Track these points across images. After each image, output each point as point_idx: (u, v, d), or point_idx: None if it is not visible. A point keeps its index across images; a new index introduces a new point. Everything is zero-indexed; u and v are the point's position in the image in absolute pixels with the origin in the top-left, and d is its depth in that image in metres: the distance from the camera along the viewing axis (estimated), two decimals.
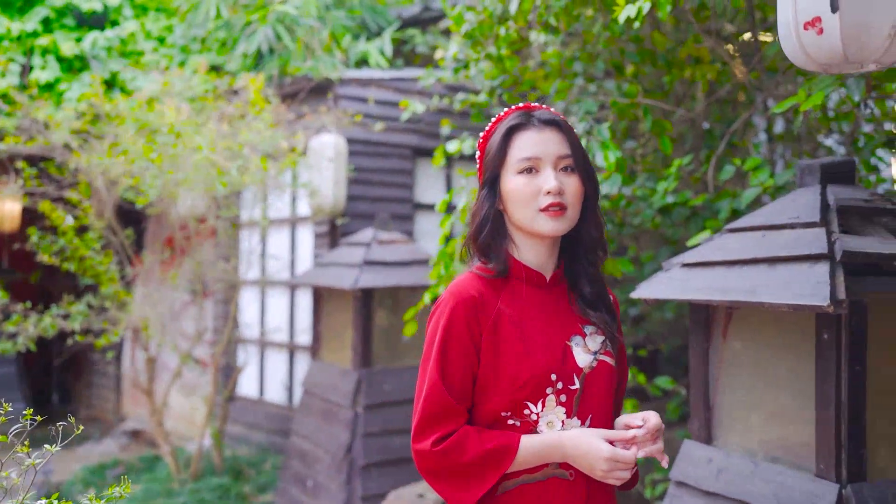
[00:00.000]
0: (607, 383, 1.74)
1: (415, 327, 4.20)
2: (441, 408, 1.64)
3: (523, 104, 1.79)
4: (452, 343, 1.66)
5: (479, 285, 1.71)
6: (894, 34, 1.58)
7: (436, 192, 6.80)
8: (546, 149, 1.69)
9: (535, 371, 1.64)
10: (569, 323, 1.75)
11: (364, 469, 4.96)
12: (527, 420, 1.66)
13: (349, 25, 7.16)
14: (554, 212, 1.67)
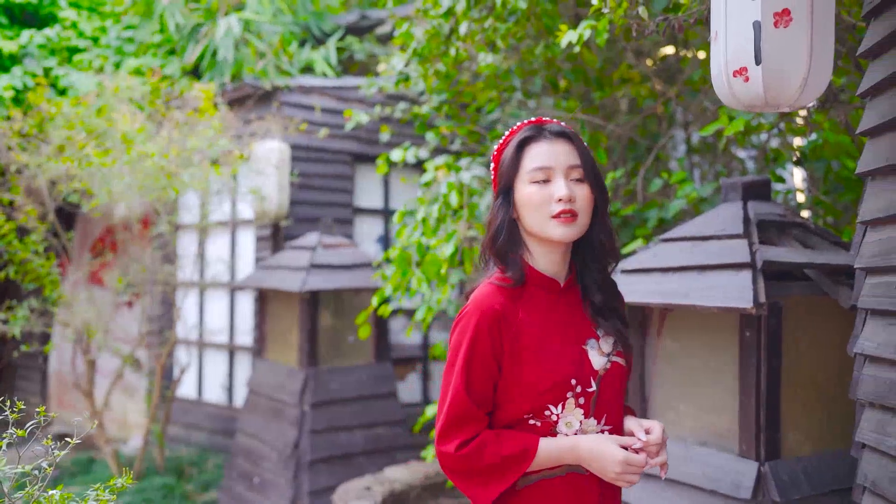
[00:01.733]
0: (620, 383, 1.83)
1: (368, 330, 4.42)
2: (463, 414, 1.73)
3: (535, 118, 1.86)
4: (476, 354, 1.73)
5: (500, 297, 1.77)
6: (804, 84, 1.90)
7: (374, 198, 7.01)
8: (557, 159, 1.76)
9: (556, 378, 1.72)
10: (583, 327, 1.82)
11: (311, 465, 5.15)
12: (547, 420, 1.74)
13: (296, 31, 7.31)
14: (565, 218, 1.74)
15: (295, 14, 7.49)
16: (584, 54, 4.75)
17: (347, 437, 5.37)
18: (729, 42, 1.92)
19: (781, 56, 1.86)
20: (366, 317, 4.51)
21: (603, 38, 3.34)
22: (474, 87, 5.12)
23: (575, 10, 5.19)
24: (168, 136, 5.19)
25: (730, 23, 1.91)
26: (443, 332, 7.09)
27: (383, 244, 7.06)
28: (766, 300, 2.44)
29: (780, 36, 1.84)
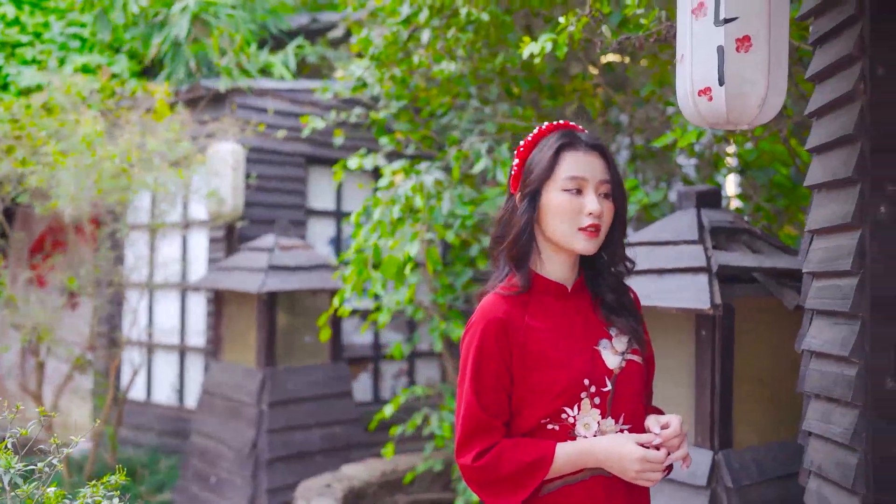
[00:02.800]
0: (637, 381, 1.82)
1: (328, 332, 4.52)
2: (477, 426, 1.73)
3: (563, 122, 1.86)
4: (484, 365, 1.74)
5: (505, 306, 1.77)
6: (762, 104, 2.08)
7: (326, 200, 7.08)
8: (592, 172, 1.76)
9: (568, 381, 1.72)
10: (594, 328, 1.82)
11: (269, 463, 5.22)
12: (564, 423, 1.73)
13: (253, 30, 7.33)
14: (591, 232, 1.75)
15: (252, 13, 7.51)
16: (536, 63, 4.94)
17: (304, 435, 5.45)
18: (695, 64, 2.09)
19: (742, 78, 2.03)
20: (326, 319, 4.61)
21: (563, 51, 3.51)
22: (429, 93, 5.26)
23: (526, 21, 5.38)
24: (129, 138, 5.18)
25: (695, 47, 2.08)
26: (395, 333, 7.19)
27: (335, 246, 7.13)
28: (721, 301, 2.63)
29: (741, 60, 2.02)
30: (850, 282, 2.11)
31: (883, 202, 2.05)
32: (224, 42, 6.54)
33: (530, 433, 1.76)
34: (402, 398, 4.92)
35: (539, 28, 5.29)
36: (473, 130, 4.88)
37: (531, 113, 4.65)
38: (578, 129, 1.84)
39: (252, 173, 6.36)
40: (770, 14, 1.99)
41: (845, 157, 2.15)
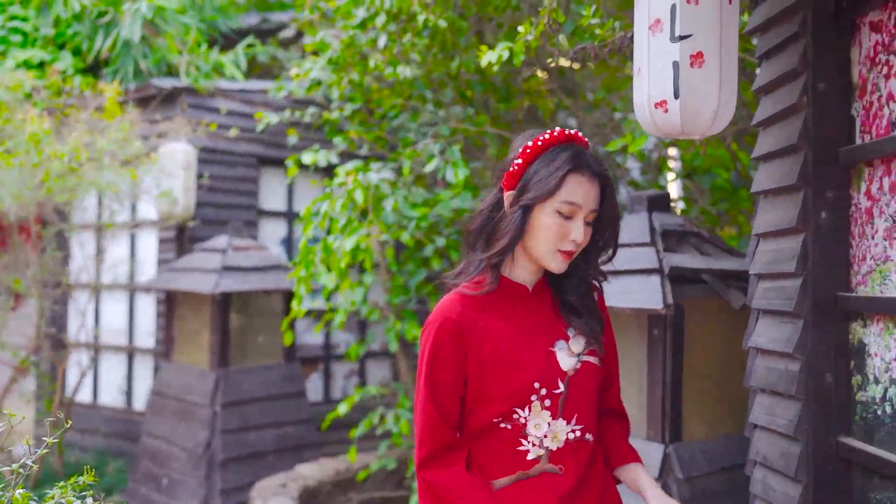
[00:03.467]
0: (592, 382, 1.82)
1: (291, 336, 4.56)
2: (430, 424, 1.76)
3: (573, 132, 1.81)
4: (438, 365, 1.75)
5: (462, 305, 1.77)
6: (715, 116, 2.21)
7: (278, 200, 7.09)
8: (587, 200, 1.74)
9: (519, 383, 1.73)
10: (552, 329, 1.82)
11: (223, 464, 5.21)
12: (516, 423, 1.74)
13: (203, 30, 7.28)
14: (567, 255, 1.76)
15: (201, 12, 7.46)
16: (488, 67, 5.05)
17: (258, 436, 5.47)
18: (651, 78, 2.20)
19: (696, 92, 2.15)
20: (288, 323, 4.66)
21: (520, 59, 3.61)
22: (382, 94, 5.32)
23: (478, 26, 5.48)
24: (78, 137, 5.12)
25: (652, 61, 2.19)
26: (346, 333, 7.23)
27: (287, 246, 7.14)
28: (672, 302, 2.76)
29: (695, 75, 2.14)
30: (794, 283, 2.25)
31: (824, 208, 2.20)
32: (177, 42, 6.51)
33: (484, 430, 1.77)
34: (356, 397, 4.97)
35: (490, 31, 5.40)
36: (427, 133, 4.96)
37: (484, 118, 4.75)
38: (586, 145, 1.81)
39: (204, 173, 6.34)
40: (721, 32, 2.12)
41: (789, 166, 2.29)
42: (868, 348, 2.10)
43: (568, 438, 1.77)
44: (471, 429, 1.79)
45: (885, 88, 2.04)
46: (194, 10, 7.35)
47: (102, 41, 6.82)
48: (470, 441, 1.80)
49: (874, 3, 2.07)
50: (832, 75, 2.20)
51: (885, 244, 2.04)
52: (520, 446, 1.75)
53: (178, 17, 6.69)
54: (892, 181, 2.01)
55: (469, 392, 1.77)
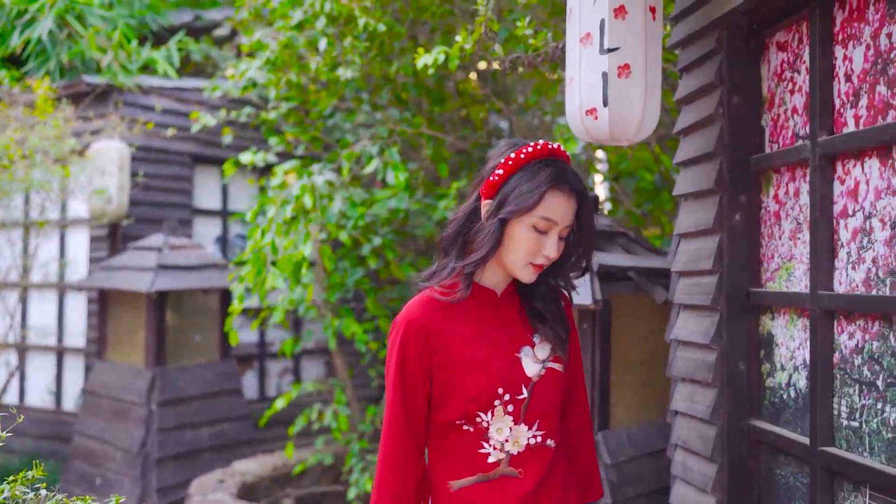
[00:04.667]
0: (555, 389, 1.83)
1: (236, 336, 4.61)
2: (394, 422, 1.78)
3: (555, 146, 1.80)
4: (405, 366, 1.77)
5: (428, 308, 1.79)
6: (640, 124, 2.38)
7: (212, 199, 7.08)
8: (564, 217, 1.74)
9: (482, 387, 1.74)
10: (518, 335, 1.83)
11: (159, 462, 5.22)
12: (479, 427, 1.76)
13: (132, 25, 7.21)
14: (538, 268, 1.77)
15: (130, 8, 7.38)
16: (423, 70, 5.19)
17: (194, 433, 5.48)
18: (582, 87, 2.36)
19: (623, 101, 2.32)
20: (231, 322, 4.71)
21: (455, 64, 3.75)
22: (318, 94, 5.40)
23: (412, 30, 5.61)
24: (10, 135, 5.06)
25: (583, 72, 2.36)
26: (281, 331, 7.26)
27: (221, 245, 7.14)
28: (601, 297, 2.94)
29: (622, 85, 2.31)
30: (711, 279, 2.44)
31: (738, 211, 2.40)
32: (101, 39, 6.43)
33: (446, 429, 1.79)
34: (293, 393, 5.04)
35: (424, 35, 5.53)
36: (363, 134, 5.06)
37: (420, 120, 4.88)
38: (567, 160, 1.82)
39: (139, 172, 6.30)
40: (646, 45, 2.29)
41: (707, 172, 2.48)
42: (776, 339, 2.31)
43: (529, 443, 1.78)
44: (434, 427, 1.81)
45: (790, 102, 2.25)
46: (122, 6, 7.27)
47: (18, 37, 6.69)
48: (434, 437, 1.82)
49: (781, 25, 2.27)
50: (745, 89, 2.40)
51: (790, 244, 2.24)
52: (481, 448, 1.77)
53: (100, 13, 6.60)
54: (796, 187, 2.21)
55: (434, 392, 1.78)
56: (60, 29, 6.49)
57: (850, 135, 1.94)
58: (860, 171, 1.94)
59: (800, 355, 2.18)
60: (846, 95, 2.00)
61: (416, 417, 1.79)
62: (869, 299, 1.86)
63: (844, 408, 1.97)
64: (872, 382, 1.87)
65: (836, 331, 2.01)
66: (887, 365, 1.82)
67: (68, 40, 6.57)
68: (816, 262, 2.05)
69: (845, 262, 1.99)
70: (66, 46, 6.55)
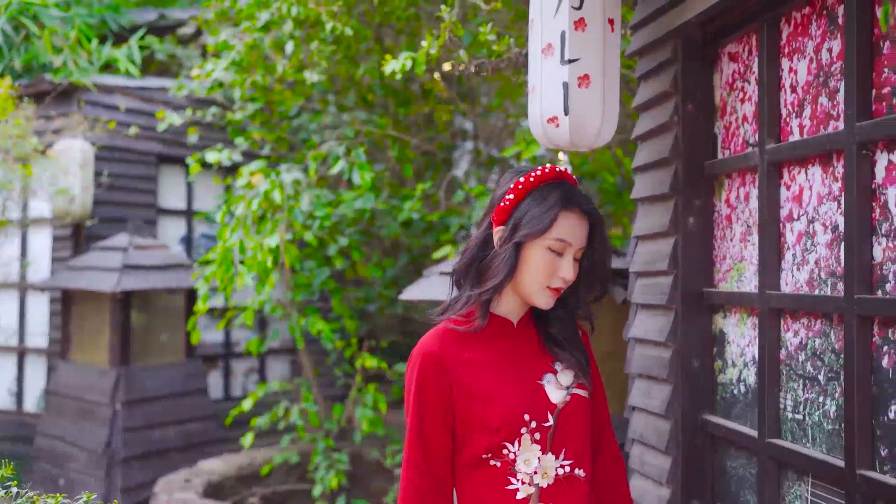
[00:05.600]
0: (582, 416, 1.78)
1: (198, 335, 4.63)
2: (414, 459, 1.73)
3: (563, 169, 1.81)
4: (425, 401, 1.72)
5: (443, 340, 1.75)
6: (599, 131, 2.48)
7: (177, 199, 7.07)
8: (578, 238, 1.73)
9: (507, 415, 1.69)
10: (539, 362, 1.79)
11: (124, 462, 5.22)
12: (505, 459, 1.69)
13: (92, 24, 7.16)
14: (556, 291, 1.75)
15: (90, 7, 7.34)
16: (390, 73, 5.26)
17: (160, 433, 5.49)
18: (544, 96, 2.45)
19: (583, 109, 2.42)
20: (195, 322, 4.73)
21: (422, 69, 3.83)
22: (283, 95, 5.44)
23: (378, 33, 5.68)
24: None
25: (545, 82, 2.45)
26: (246, 330, 7.28)
27: (186, 245, 7.13)
28: None
29: (582, 94, 2.40)
30: (667, 280, 2.55)
31: (692, 214, 2.50)
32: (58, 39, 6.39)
33: (472, 467, 1.73)
34: (260, 392, 5.08)
35: (390, 38, 5.60)
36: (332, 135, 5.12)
37: (386, 121, 4.95)
38: (574, 183, 1.82)
39: (102, 171, 6.28)
40: (605, 56, 2.39)
41: (663, 177, 2.59)
42: (727, 336, 2.42)
43: (558, 474, 1.72)
44: (460, 466, 1.75)
45: (740, 111, 2.36)
46: (81, 5, 7.22)
47: None
48: (459, 480, 1.76)
49: (733, 37, 2.38)
50: (698, 98, 2.51)
51: (741, 246, 2.35)
52: (509, 485, 1.70)
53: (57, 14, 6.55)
54: (746, 192, 2.32)
55: (457, 426, 1.73)
56: (17, 31, 6.42)
57: (795, 143, 2.05)
58: (804, 177, 2.05)
59: (749, 352, 2.29)
60: (792, 106, 2.11)
61: (438, 456, 1.73)
62: (812, 299, 1.97)
63: (790, 401, 2.08)
64: (815, 377, 1.98)
65: (782, 328, 2.12)
66: (828, 361, 1.93)
67: (24, 42, 6.51)
68: (764, 264, 2.16)
69: (791, 263, 2.10)
70: (23, 48, 6.49)
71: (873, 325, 1.78)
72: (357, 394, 5.19)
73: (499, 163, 6.31)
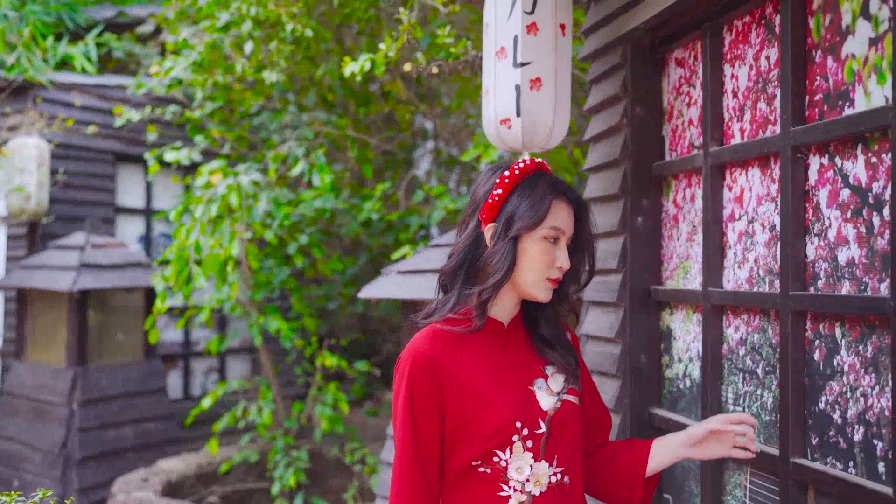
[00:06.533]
0: (574, 423, 1.75)
1: (157, 334, 4.63)
2: (405, 467, 1.68)
3: (540, 161, 1.80)
4: (415, 405, 1.68)
5: (435, 342, 1.71)
6: (550, 132, 2.55)
7: (136, 198, 7.02)
8: (569, 225, 1.74)
9: (500, 422, 1.65)
10: (530, 367, 1.76)
11: (81, 462, 5.18)
12: (496, 467, 1.66)
13: (48, 22, 7.07)
14: (554, 282, 1.74)
15: (45, 5, 7.25)
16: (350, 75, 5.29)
17: (117, 433, 5.46)
18: (497, 98, 2.52)
19: (535, 111, 2.48)
20: (153, 321, 4.72)
21: (381, 70, 3.87)
22: (243, 94, 5.45)
23: (338, 34, 5.71)
24: None
25: (498, 84, 2.51)
26: (206, 330, 7.25)
27: (145, 244, 7.08)
28: None
29: (534, 96, 2.47)
30: (616, 278, 2.62)
31: (640, 214, 2.58)
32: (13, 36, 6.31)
33: (462, 474, 1.69)
34: (220, 391, 5.08)
35: (350, 38, 5.63)
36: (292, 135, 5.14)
37: (346, 122, 4.99)
38: (549, 171, 1.82)
39: (59, 169, 6.22)
40: (556, 60, 2.46)
41: (613, 177, 2.66)
42: (674, 332, 2.50)
43: (551, 482, 1.69)
44: (449, 473, 1.71)
45: (686, 115, 2.44)
46: (36, 3, 7.13)
47: None
48: (448, 488, 1.72)
49: (679, 43, 2.46)
50: (647, 101, 2.58)
51: (686, 245, 2.44)
52: (500, 492, 1.66)
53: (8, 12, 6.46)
54: (692, 192, 2.41)
55: (448, 432, 1.69)
56: None
57: (736, 146, 2.14)
58: (745, 179, 2.14)
59: (694, 348, 2.38)
60: (733, 110, 2.20)
61: (428, 460, 1.69)
62: (751, 295, 2.06)
63: (731, 394, 2.17)
64: (753, 371, 2.07)
65: (724, 324, 2.21)
66: (765, 355, 2.02)
67: None
68: (708, 262, 2.24)
69: (732, 261, 2.18)
70: None
71: (806, 321, 1.86)
72: (317, 392, 5.22)
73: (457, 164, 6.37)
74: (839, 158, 1.78)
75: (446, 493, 1.72)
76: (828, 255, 1.81)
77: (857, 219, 1.72)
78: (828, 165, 1.81)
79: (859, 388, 1.70)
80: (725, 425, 1.75)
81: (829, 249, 1.80)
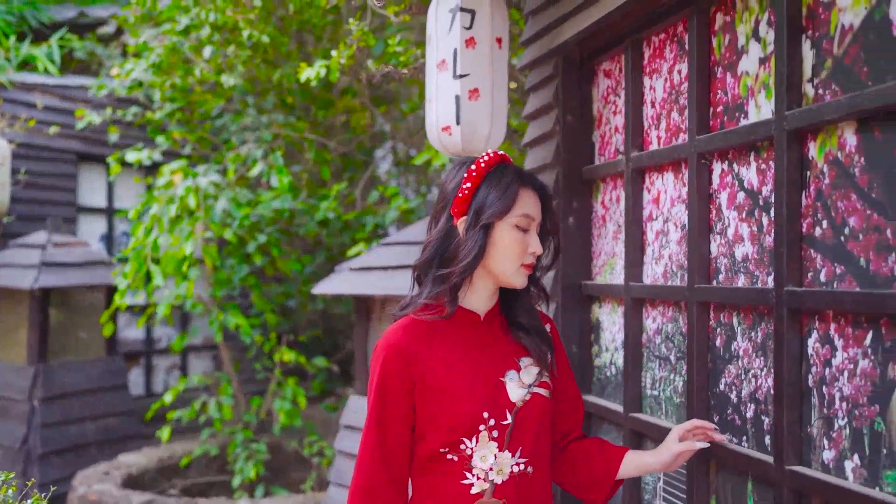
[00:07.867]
0: (541, 414, 1.79)
1: (112, 328, 4.73)
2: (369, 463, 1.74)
3: (503, 153, 1.84)
4: (386, 393, 1.72)
5: (408, 332, 1.75)
6: (488, 138, 2.73)
7: (98, 197, 7.09)
8: (537, 212, 1.78)
9: (467, 413, 1.70)
10: (504, 358, 1.80)
11: (42, 458, 5.27)
12: (462, 454, 1.71)
13: (10, 21, 7.11)
14: (529, 268, 1.79)
15: (8, 3, 7.29)
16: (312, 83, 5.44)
17: (79, 429, 5.55)
18: (438, 107, 2.69)
19: (473, 120, 2.66)
20: (108, 315, 4.81)
21: (336, 76, 4.03)
22: (204, 96, 5.57)
23: (299, 38, 5.85)
24: None
25: (439, 94, 2.68)
26: (168, 328, 7.34)
27: (107, 243, 7.16)
28: None
29: (472, 106, 2.65)
30: (550, 274, 2.81)
31: (571, 214, 2.77)
32: None
33: (430, 460, 1.74)
34: (181, 386, 5.20)
35: (310, 44, 5.77)
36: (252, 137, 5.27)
37: (304, 124, 5.13)
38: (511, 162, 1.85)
39: (20, 169, 6.28)
40: (493, 72, 2.64)
41: (546, 180, 2.85)
42: (602, 324, 2.70)
43: (513, 471, 1.73)
44: (417, 458, 1.76)
45: (613, 122, 2.64)
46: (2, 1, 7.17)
47: None
48: (416, 473, 1.77)
49: (606, 56, 2.66)
50: (577, 110, 2.78)
51: (613, 243, 2.63)
52: (464, 479, 1.71)
53: None
54: (617, 195, 2.60)
55: (418, 420, 1.74)
56: None
57: (654, 152, 2.34)
58: (661, 182, 2.34)
59: (619, 338, 2.57)
60: (652, 119, 2.40)
61: (394, 447, 1.74)
62: (664, 289, 2.26)
63: (649, 380, 2.37)
64: (667, 357, 2.27)
65: (644, 316, 2.41)
66: (677, 342, 2.22)
67: None
68: (629, 259, 2.44)
69: (651, 258, 2.38)
70: None
71: (710, 311, 2.07)
72: (276, 387, 5.35)
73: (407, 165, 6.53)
74: (736, 164, 1.98)
75: (415, 478, 1.78)
76: (727, 251, 2.01)
77: (751, 219, 1.92)
78: (727, 171, 2.02)
79: (751, 370, 1.90)
80: (691, 445, 1.82)
81: (728, 246, 2.01)
